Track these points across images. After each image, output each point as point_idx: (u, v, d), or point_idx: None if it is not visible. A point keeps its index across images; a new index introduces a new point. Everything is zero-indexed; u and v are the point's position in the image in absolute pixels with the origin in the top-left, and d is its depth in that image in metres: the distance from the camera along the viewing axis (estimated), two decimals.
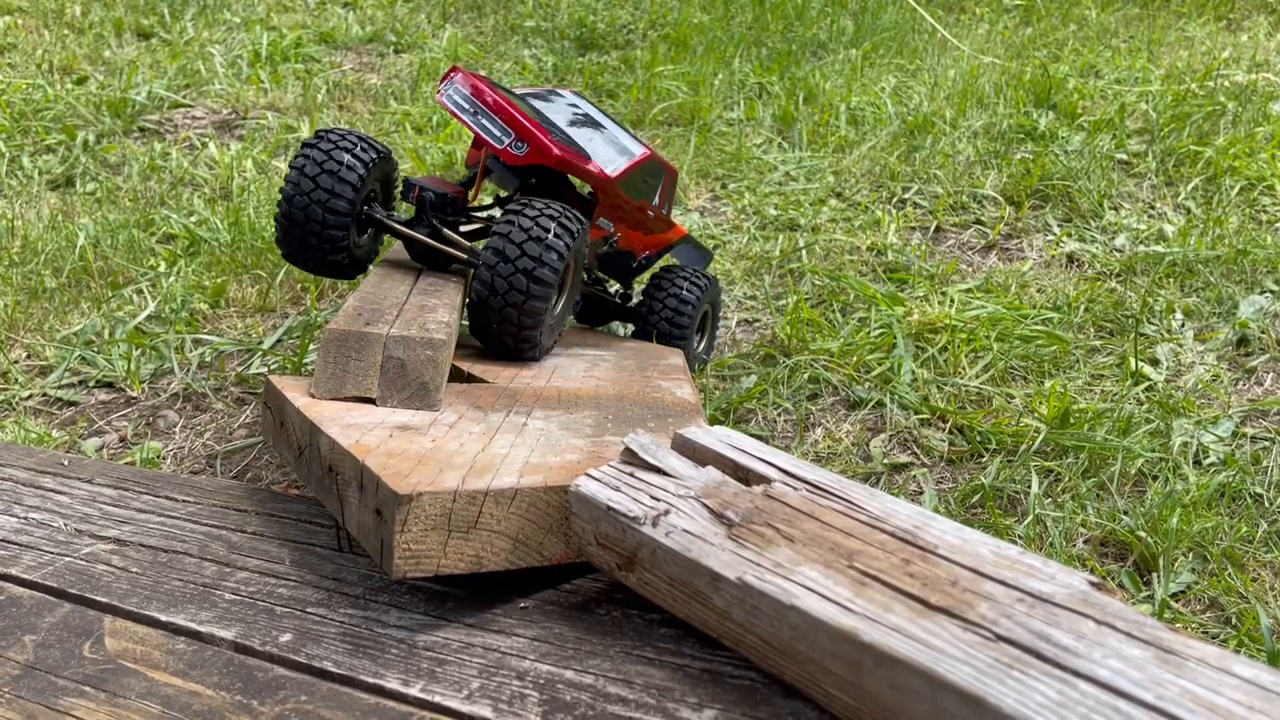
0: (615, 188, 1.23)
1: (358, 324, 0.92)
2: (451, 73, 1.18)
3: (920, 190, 1.98)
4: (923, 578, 0.57)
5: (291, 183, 1.10)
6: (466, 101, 1.15)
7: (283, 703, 0.62)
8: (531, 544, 0.71)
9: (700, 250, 1.50)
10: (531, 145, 1.13)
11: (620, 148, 1.29)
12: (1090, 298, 1.55)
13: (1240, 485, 1.12)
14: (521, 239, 1.05)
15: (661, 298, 1.34)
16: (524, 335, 1.08)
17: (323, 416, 0.82)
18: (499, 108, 1.14)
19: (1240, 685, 0.47)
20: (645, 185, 1.32)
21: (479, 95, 1.15)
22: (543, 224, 1.06)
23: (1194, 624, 0.96)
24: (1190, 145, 2.06)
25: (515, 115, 1.13)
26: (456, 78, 1.17)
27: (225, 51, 2.72)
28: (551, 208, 1.08)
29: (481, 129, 1.13)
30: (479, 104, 1.14)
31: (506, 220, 1.07)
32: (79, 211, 1.90)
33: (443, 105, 1.16)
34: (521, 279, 1.04)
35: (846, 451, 1.23)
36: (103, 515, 0.86)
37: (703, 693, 0.61)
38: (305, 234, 1.11)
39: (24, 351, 1.47)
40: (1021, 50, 2.84)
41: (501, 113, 1.14)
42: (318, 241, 1.12)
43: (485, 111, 1.14)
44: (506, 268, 1.04)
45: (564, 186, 1.25)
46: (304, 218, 1.10)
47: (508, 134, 1.13)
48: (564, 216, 1.08)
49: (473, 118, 1.14)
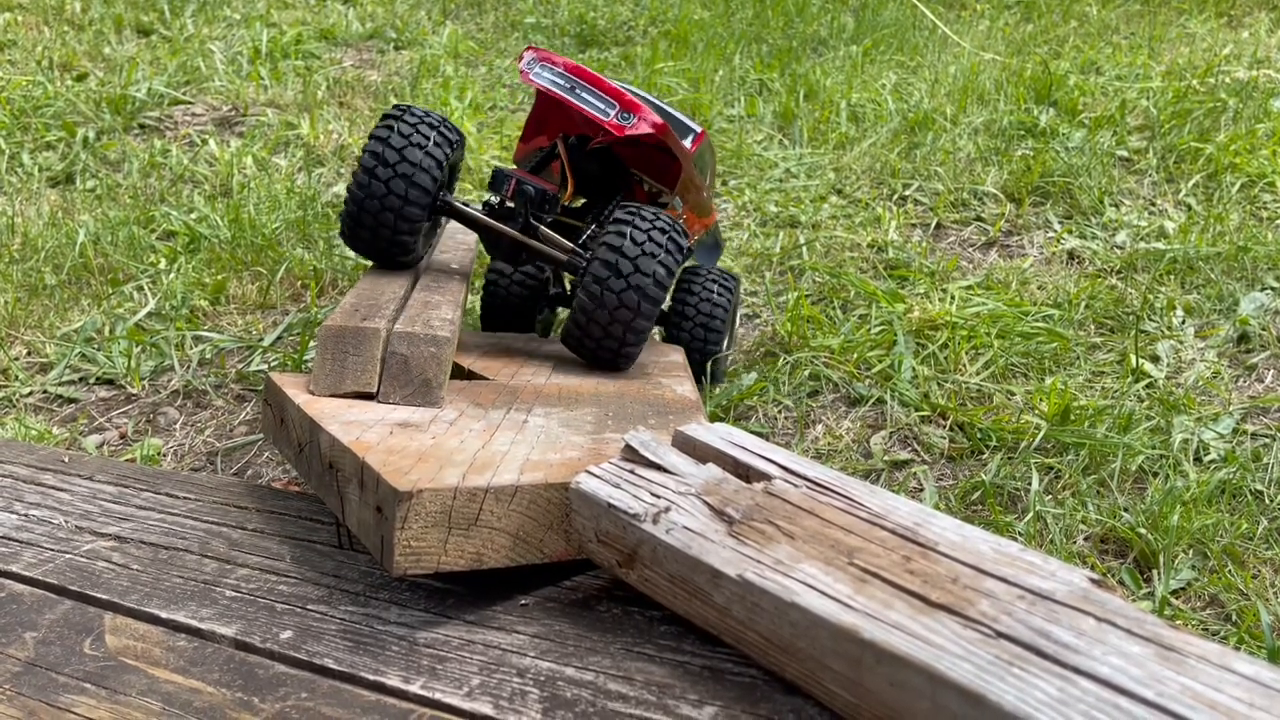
0: (690, 163, 1.20)
1: (354, 319, 0.92)
2: (529, 52, 1.14)
3: (921, 187, 1.98)
4: (923, 575, 0.57)
5: (366, 169, 1.03)
6: (562, 78, 1.11)
7: (283, 700, 0.62)
8: (532, 541, 0.71)
9: (716, 239, 1.48)
10: (638, 115, 1.10)
11: (681, 124, 1.27)
12: (1091, 294, 1.55)
13: (1241, 482, 1.12)
14: (635, 254, 1.01)
15: (694, 303, 1.28)
16: (625, 351, 1.05)
17: (323, 413, 0.82)
18: (598, 80, 1.11)
19: (1241, 682, 0.47)
20: (703, 162, 1.30)
21: (577, 71, 1.12)
22: (655, 239, 1.03)
23: (1194, 621, 0.96)
24: (1191, 142, 2.06)
25: (615, 88, 1.10)
26: (538, 57, 1.13)
27: (225, 48, 2.72)
28: (661, 219, 1.05)
29: (584, 103, 1.10)
30: (576, 79, 1.11)
31: (617, 231, 1.03)
32: (79, 208, 1.90)
33: (534, 84, 1.12)
34: (633, 295, 1.01)
35: (847, 448, 1.23)
36: (103, 512, 0.86)
37: (703, 690, 0.61)
38: (378, 224, 1.05)
39: (24, 349, 1.47)
40: (1022, 47, 2.83)
41: (602, 85, 1.11)
42: (391, 233, 1.06)
43: (584, 85, 1.11)
44: (618, 282, 1.01)
45: (626, 176, 1.22)
46: (379, 206, 1.04)
47: (612, 106, 1.10)
48: (673, 230, 1.05)
49: (572, 93, 1.10)
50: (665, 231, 1.04)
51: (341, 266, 1.67)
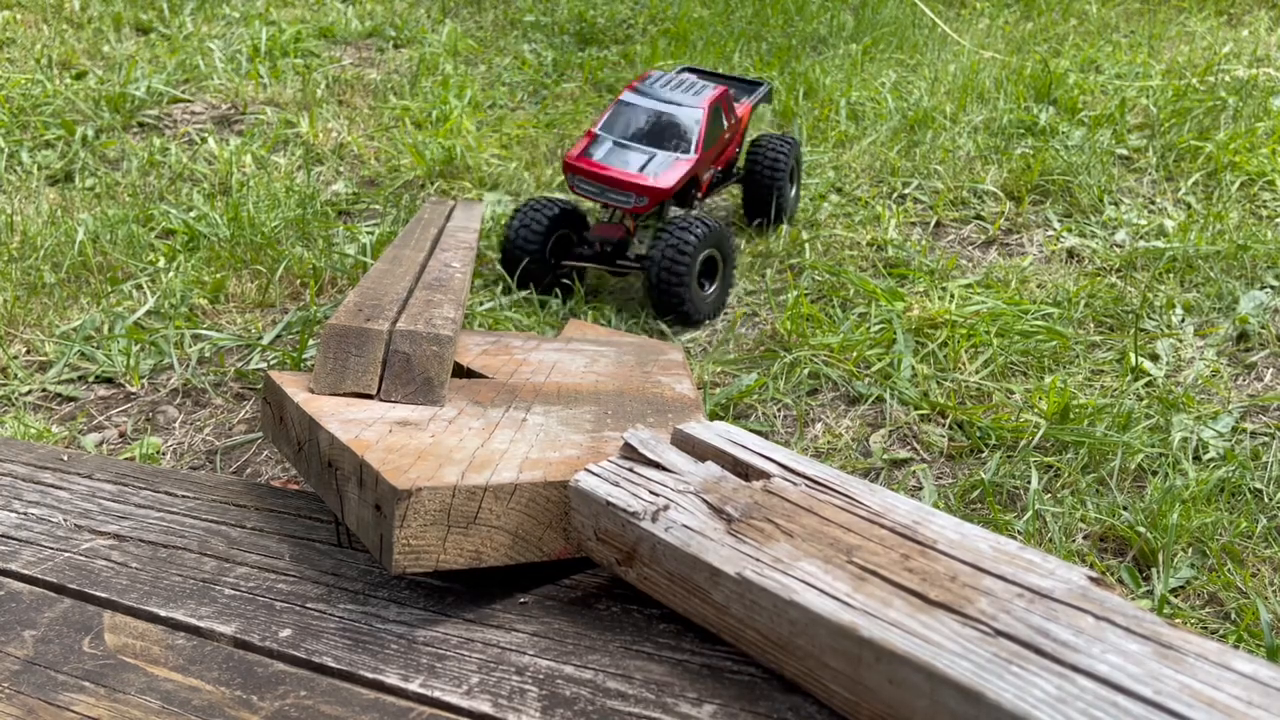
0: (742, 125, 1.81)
1: (358, 319, 0.92)
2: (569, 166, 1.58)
3: (920, 185, 1.98)
4: (922, 573, 0.57)
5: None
6: (594, 187, 1.56)
7: (282, 698, 0.62)
8: (531, 539, 0.71)
9: (766, 95, 1.90)
10: (644, 194, 1.54)
11: (742, 86, 1.89)
12: (1090, 293, 1.55)
13: (1240, 481, 1.12)
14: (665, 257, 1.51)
15: (763, 161, 1.75)
16: (679, 294, 1.51)
17: (322, 412, 0.82)
18: (619, 182, 1.54)
19: (1239, 680, 0.47)
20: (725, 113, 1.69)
21: (604, 178, 1.55)
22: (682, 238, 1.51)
23: (1193, 619, 0.96)
24: (1191, 140, 2.06)
25: (630, 182, 1.53)
26: (571, 167, 1.57)
27: (224, 46, 2.72)
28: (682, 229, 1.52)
29: (614, 202, 1.56)
30: (604, 186, 1.56)
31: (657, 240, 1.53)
32: (78, 207, 1.90)
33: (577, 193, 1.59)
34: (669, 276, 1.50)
35: (846, 447, 1.23)
36: (102, 511, 0.86)
37: (702, 688, 0.61)
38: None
39: (23, 347, 1.47)
40: (1022, 45, 2.83)
41: (623, 184, 1.54)
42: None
43: (609, 189, 1.56)
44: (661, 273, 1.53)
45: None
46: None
47: (629, 197, 1.55)
48: (692, 226, 1.52)
49: (603, 195, 1.55)
50: (686, 229, 1.49)
51: (341, 265, 1.67)
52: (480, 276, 1.65)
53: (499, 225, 1.82)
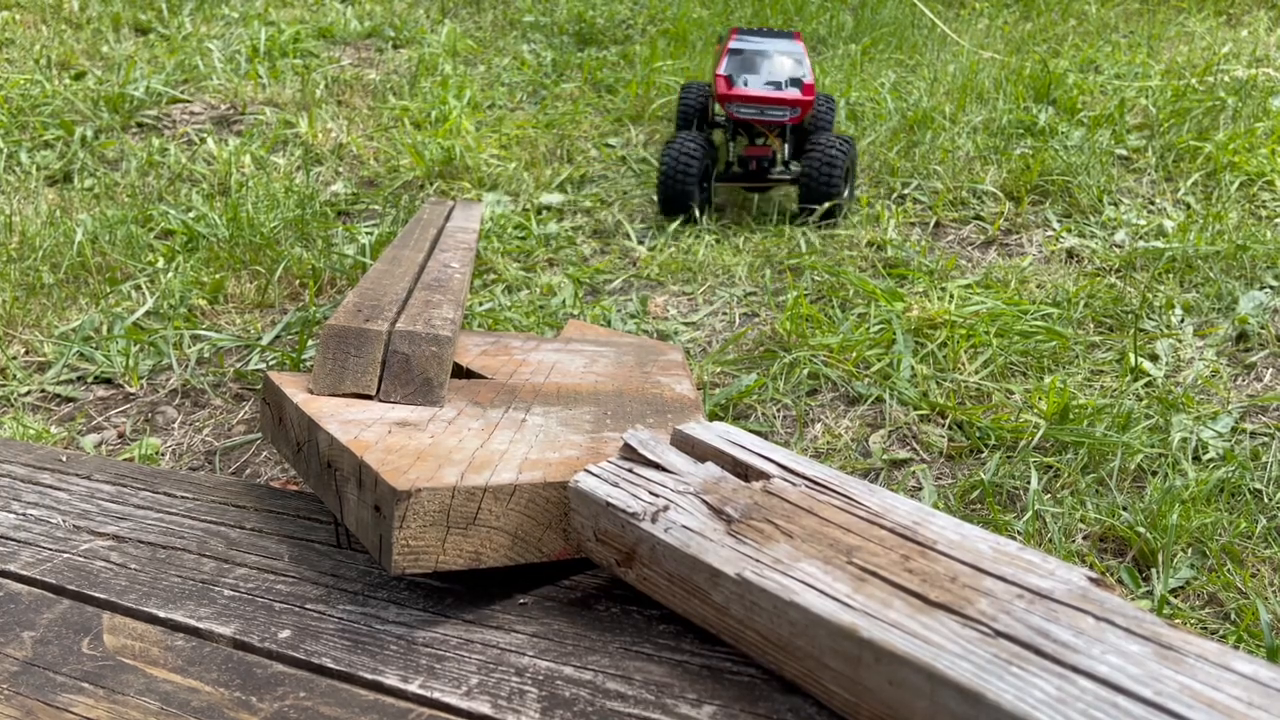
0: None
1: (357, 320, 0.92)
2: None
3: (920, 186, 1.98)
4: (922, 573, 0.57)
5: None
6: (755, 109, 1.87)
7: (281, 699, 0.62)
8: (530, 540, 0.71)
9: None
10: (797, 104, 1.90)
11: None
12: (1090, 293, 1.55)
13: (1239, 481, 1.12)
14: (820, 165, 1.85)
15: (817, 157, 1.89)
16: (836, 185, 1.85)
17: (321, 412, 0.82)
18: (776, 99, 1.88)
19: (1239, 681, 0.47)
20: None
21: (761, 99, 1.87)
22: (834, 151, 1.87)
23: (1193, 620, 0.96)
24: (1190, 140, 2.06)
25: (780, 98, 1.88)
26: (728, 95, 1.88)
27: (223, 47, 2.72)
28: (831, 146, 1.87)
29: (774, 117, 1.87)
30: (763, 105, 1.88)
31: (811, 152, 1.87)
32: (77, 207, 1.90)
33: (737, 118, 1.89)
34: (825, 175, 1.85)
35: (846, 447, 1.23)
36: (101, 511, 0.85)
37: (702, 689, 0.61)
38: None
39: (22, 347, 1.47)
40: (1021, 45, 2.83)
41: (781, 101, 1.88)
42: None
43: (769, 105, 1.87)
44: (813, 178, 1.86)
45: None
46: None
47: (784, 110, 1.88)
48: (837, 146, 1.87)
49: (762, 114, 1.87)
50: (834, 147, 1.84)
51: (340, 265, 1.67)
52: (480, 276, 1.65)
53: (499, 225, 1.82)
